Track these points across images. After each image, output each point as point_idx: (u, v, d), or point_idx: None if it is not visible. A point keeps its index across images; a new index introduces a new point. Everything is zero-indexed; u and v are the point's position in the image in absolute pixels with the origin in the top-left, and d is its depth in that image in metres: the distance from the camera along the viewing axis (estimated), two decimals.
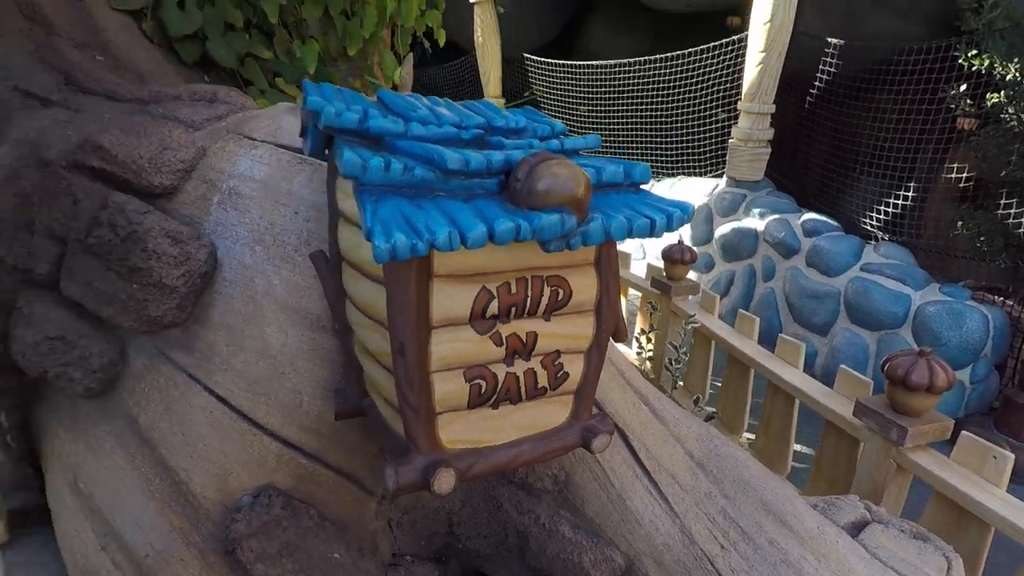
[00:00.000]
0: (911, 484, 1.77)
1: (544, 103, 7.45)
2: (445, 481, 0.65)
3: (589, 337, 0.75)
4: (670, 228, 0.67)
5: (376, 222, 0.53)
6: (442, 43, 2.30)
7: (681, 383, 2.75)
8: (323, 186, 0.94)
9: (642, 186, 0.76)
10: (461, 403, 0.68)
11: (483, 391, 0.69)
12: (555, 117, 6.87)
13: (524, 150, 0.72)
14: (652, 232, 0.65)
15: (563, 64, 6.81)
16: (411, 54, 2.14)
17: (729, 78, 5.39)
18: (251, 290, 0.91)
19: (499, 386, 0.69)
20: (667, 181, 5.65)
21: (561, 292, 0.70)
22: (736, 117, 4.90)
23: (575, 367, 0.75)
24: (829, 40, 4.66)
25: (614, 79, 6.42)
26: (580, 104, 6.90)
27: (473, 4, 7.01)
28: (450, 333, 0.65)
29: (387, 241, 0.51)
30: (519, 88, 7.76)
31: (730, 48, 5.36)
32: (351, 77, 2.22)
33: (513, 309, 0.68)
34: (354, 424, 0.94)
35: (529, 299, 0.68)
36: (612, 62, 6.29)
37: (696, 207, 5.04)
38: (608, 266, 0.75)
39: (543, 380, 0.73)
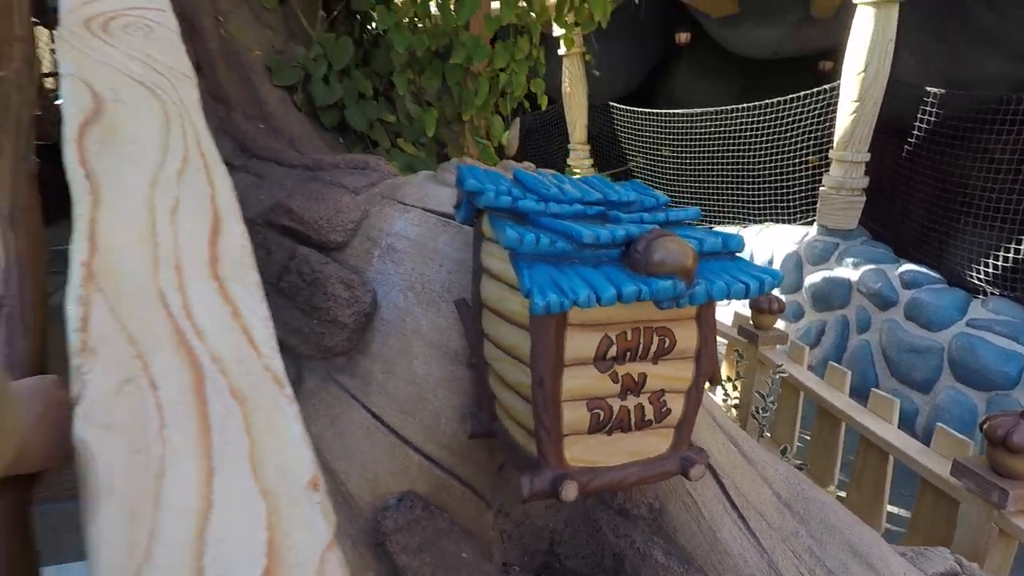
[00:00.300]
0: (1019, 551, 1.71)
1: (628, 148, 7.63)
2: (571, 490, 0.80)
3: (689, 379, 0.89)
4: (761, 292, 0.80)
5: (533, 284, 0.71)
6: (544, 107, 2.53)
7: (768, 433, 2.74)
8: (463, 245, 1.14)
9: (737, 254, 0.90)
10: (583, 428, 0.84)
11: (601, 419, 0.84)
12: (640, 162, 7.01)
13: (637, 224, 0.89)
14: (746, 295, 0.79)
15: (649, 112, 6.98)
16: (518, 119, 2.39)
17: (820, 124, 5.36)
18: (403, 328, 1.12)
19: (614, 416, 0.85)
20: (754, 228, 5.62)
21: (667, 341, 0.85)
22: (828, 164, 4.85)
23: (676, 404, 0.89)
24: (928, 89, 4.56)
25: (700, 125, 6.51)
26: (663, 146, 7.03)
27: (562, 57, 7.37)
28: (578, 371, 0.81)
29: (543, 299, 0.69)
30: (604, 133, 7.99)
31: (821, 96, 5.34)
32: (462, 138, 2.49)
33: (628, 353, 0.83)
34: (480, 444, 1.11)
35: (641, 346, 0.83)
36: (699, 111, 6.40)
37: (784, 255, 4.98)
38: (707, 321, 0.89)
39: (649, 414, 0.87)
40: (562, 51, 7.27)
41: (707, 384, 0.91)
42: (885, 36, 4.29)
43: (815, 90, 5.39)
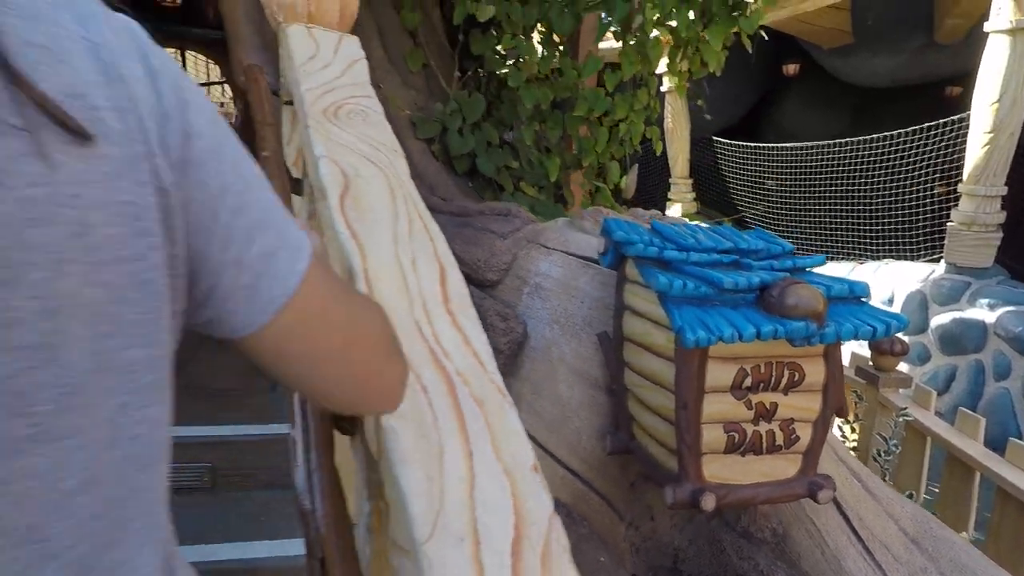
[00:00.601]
0: None
1: (733, 182, 7.53)
2: (710, 501, 0.92)
3: (816, 411, 0.99)
4: (887, 335, 0.90)
5: (684, 322, 0.86)
6: (659, 152, 2.68)
7: (891, 481, 2.64)
8: (602, 285, 1.31)
9: (863, 299, 1.00)
10: (719, 448, 0.96)
11: (736, 441, 0.96)
12: (744, 196, 6.89)
13: (767, 271, 1.01)
14: (873, 337, 0.90)
15: (757, 146, 6.89)
16: (636, 165, 2.55)
17: (947, 156, 5.08)
18: (549, 356, 1.29)
19: (747, 439, 0.96)
20: (871, 264, 5.36)
21: (797, 375, 0.96)
22: (956, 196, 4.58)
23: (805, 433, 0.99)
24: None
25: (810, 158, 6.34)
26: (770, 178, 6.88)
27: (664, 92, 7.47)
28: (717, 397, 0.94)
29: (693, 335, 0.83)
30: (707, 166, 7.94)
31: (948, 127, 5.07)
32: (579, 181, 2.68)
33: (761, 384, 0.95)
34: (615, 461, 1.25)
35: (773, 378, 0.95)
36: (809, 144, 6.25)
37: (906, 293, 4.72)
38: (834, 358, 0.99)
39: (780, 439, 0.98)
40: (664, 87, 7.38)
41: (835, 416, 1.01)
42: (1023, 65, 4.06)
43: (940, 121, 5.13)
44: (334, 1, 1.46)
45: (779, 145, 6.61)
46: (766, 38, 3.76)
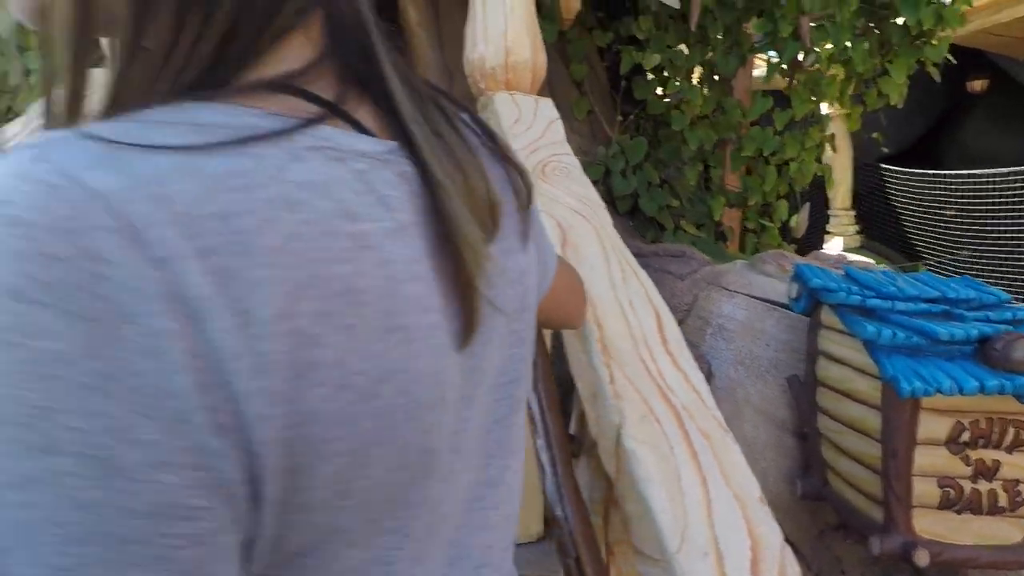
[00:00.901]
0: None
1: (903, 213, 6.87)
2: (923, 556, 0.91)
3: None
4: None
5: (896, 372, 0.88)
6: (830, 190, 2.58)
7: None
8: (788, 328, 1.33)
9: None
10: (932, 503, 0.95)
11: (951, 498, 0.94)
12: (920, 229, 6.23)
13: (983, 322, 0.99)
14: None
15: (935, 174, 6.25)
16: (808, 203, 2.50)
17: None
18: (734, 396, 1.33)
19: (964, 497, 0.94)
20: None
21: (1023, 434, 0.93)
22: None
23: None
24: None
25: (1006, 185, 5.62)
26: (948, 206, 6.18)
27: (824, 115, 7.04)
28: (929, 449, 0.93)
29: (909, 385, 0.85)
30: (872, 196, 7.30)
31: None
32: (742, 219, 2.67)
33: (980, 440, 0.93)
34: (804, 507, 1.25)
35: (995, 434, 0.93)
36: (1005, 171, 5.55)
37: None
38: None
39: (1003, 501, 0.94)
40: (824, 111, 6.96)
41: None
42: None
43: None
44: (527, 70, 1.65)
45: (964, 172, 5.94)
46: (954, 62, 3.44)
